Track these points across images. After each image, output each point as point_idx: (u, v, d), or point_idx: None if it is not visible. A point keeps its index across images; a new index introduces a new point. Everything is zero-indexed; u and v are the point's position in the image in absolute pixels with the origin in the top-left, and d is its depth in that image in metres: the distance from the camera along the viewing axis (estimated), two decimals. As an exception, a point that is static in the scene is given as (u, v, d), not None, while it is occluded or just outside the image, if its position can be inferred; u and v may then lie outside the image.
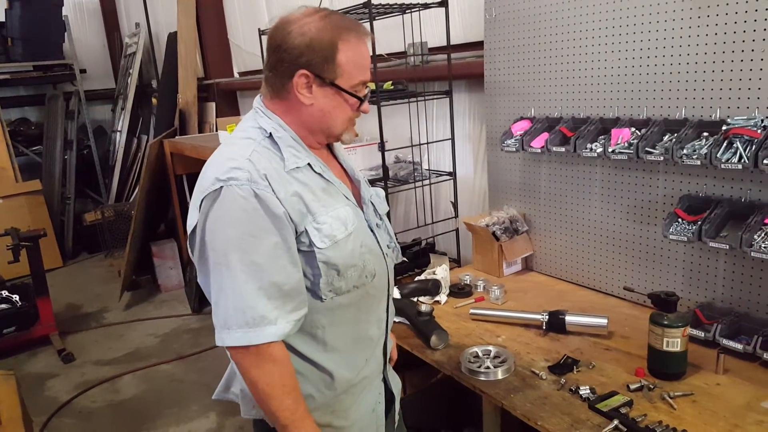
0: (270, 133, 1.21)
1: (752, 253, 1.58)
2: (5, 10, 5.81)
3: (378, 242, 1.33)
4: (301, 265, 1.18)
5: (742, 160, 1.58)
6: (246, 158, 1.15)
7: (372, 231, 1.33)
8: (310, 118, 1.22)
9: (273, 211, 1.12)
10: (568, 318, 1.89)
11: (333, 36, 1.16)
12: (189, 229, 1.20)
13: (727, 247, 1.64)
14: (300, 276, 1.18)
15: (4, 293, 3.96)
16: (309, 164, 1.22)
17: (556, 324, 1.90)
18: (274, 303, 1.13)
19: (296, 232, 1.17)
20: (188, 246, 1.23)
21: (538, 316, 1.94)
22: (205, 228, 1.14)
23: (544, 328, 1.92)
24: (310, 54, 1.15)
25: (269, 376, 1.15)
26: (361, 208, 1.33)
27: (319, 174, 1.24)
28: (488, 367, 1.70)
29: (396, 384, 1.53)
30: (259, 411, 1.27)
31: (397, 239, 1.48)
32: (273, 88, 1.23)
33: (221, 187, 1.12)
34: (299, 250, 1.18)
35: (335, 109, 1.22)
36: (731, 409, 1.44)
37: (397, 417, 1.54)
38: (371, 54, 1.26)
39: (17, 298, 3.98)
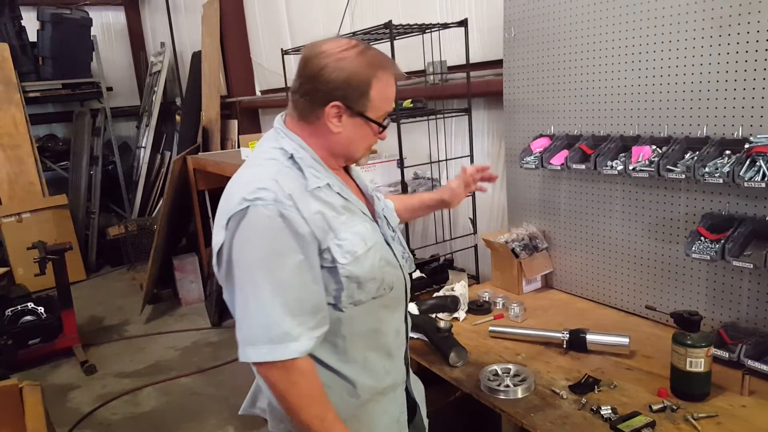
0: (291, 154, 1.25)
1: (777, 273, 1.56)
2: (37, 30, 6.02)
3: (394, 254, 1.37)
4: (323, 282, 1.22)
5: (766, 179, 1.57)
6: (272, 179, 1.18)
7: (388, 244, 1.37)
8: (336, 144, 1.28)
9: (298, 231, 1.15)
10: (589, 337, 1.88)
11: (369, 73, 1.22)
12: (215, 249, 1.22)
13: (752, 266, 1.62)
14: (322, 294, 1.21)
15: (30, 305, 4.04)
16: (328, 184, 1.26)
17: (577, 342, 1.89)
18: (297, 320, 1.15)
19: (320, 250, 1.20)
20: (214, 264, 1.25)
21: (559, 335, 1.92)
22: (231, 247, 1.17)
23: (564, 346, 1.90)
24: (346, 89, 1.21)
25: (297, 387, 1.17)
26: (377, 222, 1.37)
27: (338, 193, 1.27)
28: (508, 386, 1.69)
29: (419, 391, 1.55)
30: (287, 425, 1.30)
31: (413, 253, 1.50)
32: (301, 112, 1.27)
33: (248, 206, 1.15)
34: (322, 267, 1.21)
35: (360, 137, 1.29)
36: (757, 432, 1.42)
37: (406, 425, 1.52)
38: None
39: (42, 310, 4.05)
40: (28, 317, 4.00)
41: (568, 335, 1.90)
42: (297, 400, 1.17)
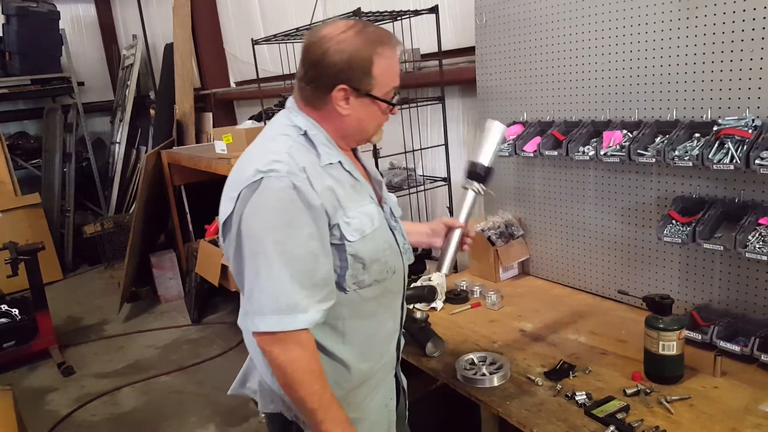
0: (305, 131, 1.26)
1: (747, 254, 1.57)
2: (2, 24, 5.83)
3: (396, 240, 1.38)
4: (331, 257, 1.23)
5: (734, 161, 1.58)
6: (285, 152, 1.20)
7: (391, 230, 1.38)
8: (347, 126, 1.28)
9: (310, 203, 1.17)
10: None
11: (369, 51, 1.21)
12: (222, 218, 1.24)
13: (722, 248, 1.63)
14: (330, 267, 1.22)
15: (4, 307, 3.95)
16: (340, 162, 1.28)
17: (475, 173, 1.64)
18: (305, 292, 1.16)
19: (329, 225, 1.21)
20: (220, 235, 1.28)
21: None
22: (242, 216, 1.18)
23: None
24: (350, 71, 1.21)
25: (298, 362, 1.18)
26: (382, 207, 1.38)
27: (349, 172, 1.29)
28: (484, 374, 1.69)
29: (404, 380, 1.58)
30: (277, 405, 1.33)
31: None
32: (308, 99, 1.27)
33: (262, 178, 1.16)
34: (330, 243, 1.23)
35: (370, 117, 1.28)
36: (729, 413, 1.43)
37: (407, 413, 1.58)
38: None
39: (16, 312, 3.96)
40: (2, 320, 3.91)
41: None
42: (298, 375, 1.17)
